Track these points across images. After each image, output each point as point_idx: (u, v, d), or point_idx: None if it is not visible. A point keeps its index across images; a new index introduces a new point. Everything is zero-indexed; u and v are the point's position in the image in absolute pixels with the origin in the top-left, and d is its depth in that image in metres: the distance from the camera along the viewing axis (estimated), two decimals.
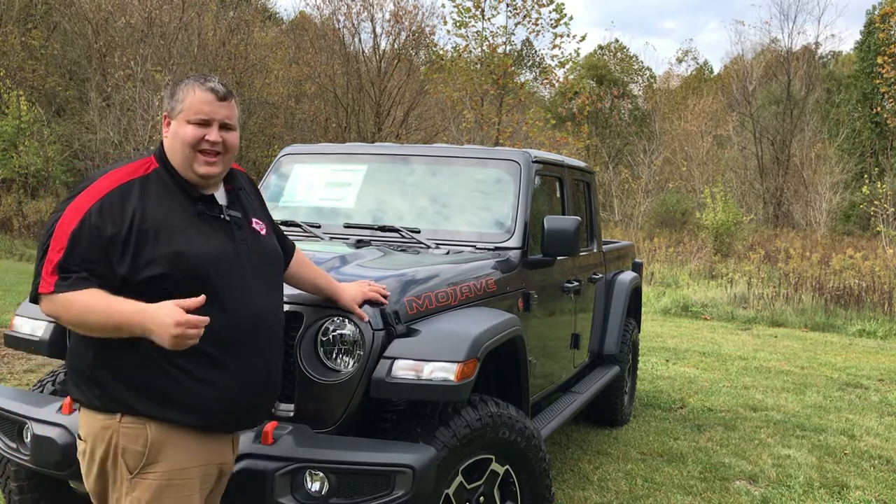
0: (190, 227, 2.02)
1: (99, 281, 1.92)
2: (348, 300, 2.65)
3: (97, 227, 1.92)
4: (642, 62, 49.39)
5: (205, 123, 2.06)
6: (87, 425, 2.03)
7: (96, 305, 1.90)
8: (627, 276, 5.77)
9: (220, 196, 2.16)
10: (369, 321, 2.72)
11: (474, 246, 3.81)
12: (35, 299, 1.97)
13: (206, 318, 1.89)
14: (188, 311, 1.87)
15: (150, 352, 1.93)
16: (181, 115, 2.06)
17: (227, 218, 2.12)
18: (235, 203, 2.19)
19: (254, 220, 2.22)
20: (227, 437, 2.14)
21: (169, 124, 2.10)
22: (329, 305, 2.75)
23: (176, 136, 2.07)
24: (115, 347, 1.96)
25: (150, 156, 2.13)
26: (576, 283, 4.54)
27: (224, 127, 2.09)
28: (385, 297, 2.76)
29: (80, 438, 2.07)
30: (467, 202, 4.13)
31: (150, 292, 1.92)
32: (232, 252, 2.07)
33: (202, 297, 1.89)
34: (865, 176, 22.80)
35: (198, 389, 1.98)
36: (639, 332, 6.17)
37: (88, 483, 2.06)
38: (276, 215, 4.16)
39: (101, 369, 1.99)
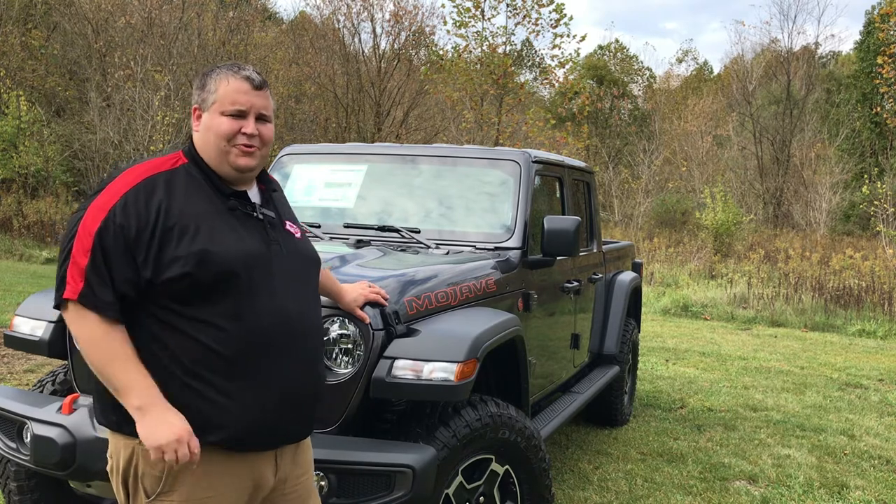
0: (219, 223, 1.87)
1: (119, 295, 1.80)
2: (349, 302, 2.61)
3: (122, 225, 1.79)
4: (642, 62, 49.47)
5: (241, 115, 1.92)
6: (111, 444, 1.94)
7: (118, 348, 1.79)
8: (627, 276, 5.77)
9: (254, 195, 2.02)
10: (369, 321, 2.72)
11: (474, 246, 3.81)
12: (59, 305, 1.83)
13: (195, 459, 1.80)
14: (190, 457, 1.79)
15: (169, 365, 1.82)
16: (215, 106, 1.92)
17: (261, 216, 1.97)
18: (269, 203, 2.05)
19: (288, 223, 2.08)
20: (263, 457, 1.94)
21: (199, 117, 1.96)
22: (330, 305, 2.75)
23: (209, 129, 1.93)
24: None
25: (177, 151, 1.99)
26: (576, 284, 4.54)
27: (260, 118, 1.96)
28: (385, 298, 2.75)
29: (109, 456, 1.97)
30: (467, 202, 4.14)
31: (175, 293, 1.80)
32: (264, 251, 1.92)
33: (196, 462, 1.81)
34: (865, 176, 22.78)
35: (223, 403, 1.83)
36: (639, 332, 6.17)
37: (119, 500, 1.97)
38: None
39: None
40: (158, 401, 1.79)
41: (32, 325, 3.13)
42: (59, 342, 3.05)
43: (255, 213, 1.97)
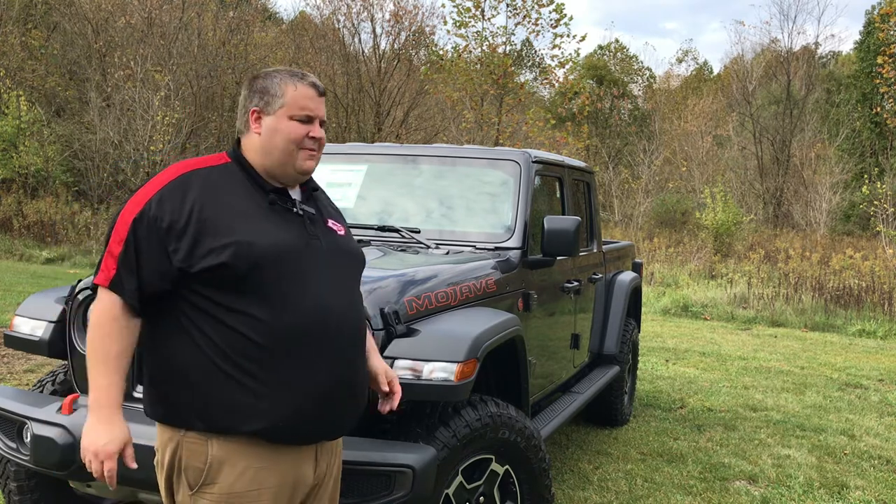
0: (259, 217, 1.93)
1: (145, 286, 1.87)
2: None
3: (156, 217, 1.85)
4: (642, 62, 49.47)
5: (309, 120, 2.00)
6: (158, 436, 1.98)
7: (109, 343, 1.87)
8: (627, 276, 5.77)
9: (295, 194, 2.07)
10: (369, 321, 2.72)
11: (474, 246, 3.81)
12: (94, 288, 1.94)
13: (110, 480, 1.88)
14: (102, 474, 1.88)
15: (208, 353, 1.86)
16: (282, 110, 1.97)
17: (300, 212, 2.02)
18: (309, 201, 2.10)
19: (331, 220, 2.12)
20: (304, 452, 1.97)
21: (258, 119, 2.00)
22: None
23: (277, 133, 1.97)
24: (178, 353, 1.90)
25: (221, 153, 2.07)
26: (576, 284, 4.54)
27: (321, 123, 2.05)
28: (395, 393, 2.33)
29: (156, 449, 2.01)
30: (467, 202, 4.14)
31: (213, 283, 1.85)
32: (303, 246, 1.96)
33: (130, 468, 1.91)
34: (865, 176, 22.78)
35: (262, 393, 1.86)
36: (639, 332, 6.17)
37: (162, 496, 2.01)
38: None
39: (164, 381, 1.93)
40: (108, 408, 1.87)
41: (32, 325, 3.13)
42: (59, 342, 3.04)
43: (294, 209, 2.01)
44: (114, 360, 1.87)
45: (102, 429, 1.85)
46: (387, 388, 2.25)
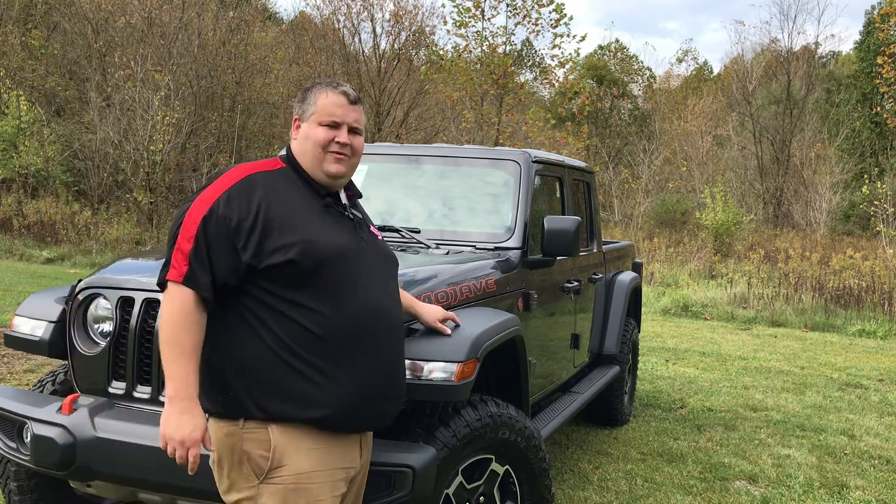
0: (317, 218, 2.06)
1: (217, 281, 1.96)
2: (429, 318, 2.69)
3: (225, 216, 1.96)
4: (642, 62, 49.45)
5: (335, 125, 2.13)
6: (213, 434, 2.05)
7: (185, 337, 1.94)
8: (627, 276, 5.77)
9: (343, 199, 2.22)
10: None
11: (474, 246, 3.81)
12: (162, 285, 2.00)
13: (194, 466, 1.94)
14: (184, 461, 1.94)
15: (272, 345, 1.97)
16: (313, 117, 2.13)
17: (351, 216, 2.17)
18: (355, 207, 2.26)
19: (371, 226, 2.30)
20: (352, 439, 2.12)
21: (298, 127, 2.17)
22: None
23: (307, 138, 2.13)
24: (240, 345, 1.99)
25: (275, 158, 2.21)
26: (576, 284, 4.54)
27: (352, 130, 2.15)
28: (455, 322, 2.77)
29: (212, 450, 2.07)
30: (467, 202, 4.14)
31: (277, 279, 1.96)
32: (355, 247, 2.10)
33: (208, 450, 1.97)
34: (865, 176, 22.78)
35: (321, 383, 1.98)
36: (639, 332, 6.17)
37: (221, 492, 2.07)
38: None
39: (227, 370, 2.01)
40: (189, 399, 1.94)
41: (32, 325, 3.13)
42: (59, 342, 3.04)
43: (346, 213, 2.17)
44: (190, 353, 1.95)
45: (185, 419, 1.92)
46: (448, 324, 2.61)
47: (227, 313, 2.01)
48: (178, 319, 1.94)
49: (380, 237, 2.30)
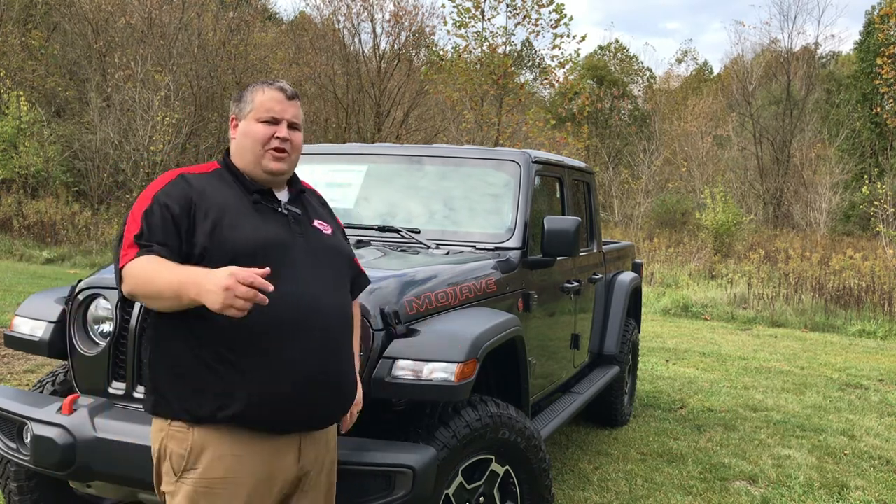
0: (244, 214, 2.06)
1: (168, 251, 1.96)
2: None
3: (166, 205, 1.99)
4: (642, 62, 49.46)
5: (274, 121, 2.12)
6: (152, 431, 2.09)
7: (165, 267, 1.91)
8: (627, 276, 5.77)
9: (283, 195, 2.20)
10: (369, 321, 2.72)
11: (474, 246, 3.81)
12: (119, 279, 1.99)
13: (258, 295, 1.78)
14: (253, 285, 1.78)
15: (189, 340, 1.97)
16: (251, 114, 2.13)
17: (285, 211, 2.15)
18: (296, 202, 2.22)
19: (317, 220, 2.24)
20: (282, 443, 2.04)
21: (236, 126, 2.17)
22: None
23: (246, 135, 2.13)
24: (165, 343, 2.01)
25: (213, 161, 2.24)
26: (576, 284, 4.54)
27: (291, 126, 2.15)
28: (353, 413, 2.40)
29: (152, 443, 2.11)
30: (467, 202, 4.14)
31: None
32: (285, 242, 2.07)
33: (266, 270, 1.81)
34: (865, 176, 22.78)
35: (236, 378, 1.96)
36: (639, 332, 6.17)
37: (155, 488, 2.10)
38: None
39: (158, 372, 2.04)
40: (202, 274, 1.83)
41: (32, 326, 3.13)
42: (59, 342, 3.04)
43: (279, 209, 2.14)
44: (172, 266, 1.90)
45: (208, 276, 1.81)
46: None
47: (154, 312, 2.02)
48: (145, 264, 1.91)
49: (328, 231, 2.23)
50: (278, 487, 2.06)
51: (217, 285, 1.77)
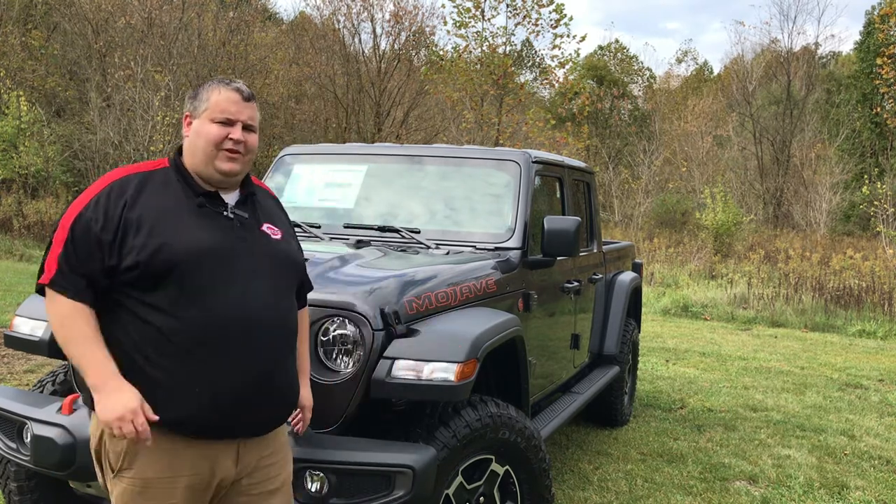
0: (183, 219, 2.01)
1: (87, 282, 1.95)
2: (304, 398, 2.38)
3: (91, 218, 1.96)
4: (642, 62, 49.47)
5: (229, 122, 2.08)
6: (90, 425, 2.09)
7: (82, 336, 1.93)
8: (627, 276, 5.77)
9: (232, 198, 2.14)
10: (369, 321, 2.72)
11: (474, 246, 3.81)
12: (40, 290, 2.01)
13: (147, 437, 1.90)
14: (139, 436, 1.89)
15: (129, 347, 1.95)
16: (205, 113, 2.08)
17: (231, 215, 2.09)
18: (246, 205, 2.16)
19: (267, 224, 2.18)
20: (221, 447, 2.02)
21: (190, 124, 2.12)
22: (329, 305, 2.76)
23: (199, 135, 2.08)
24: (104, 336, 1.98)
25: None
26: (576, 284, 4.54)
27: (246, 128, 2.11)
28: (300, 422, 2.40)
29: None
30: (467, 202, 4.13)
31: (135, 281, 1.94)
32: (227, 248, 2.03)
33: (152, 420, 1.91)
34: (865, 176, 22.79)
35: (171, 386, 1.94)
36: (639, 332, 6.17)
37: (98, 477, 2.10)
38: None
39: None
40: (112, 379, 1.92)
41: (32, 326, 3.13)
42: None
43: (225, 213, 2.09)
44: (93, 337, 1.94)
45: (115, 396, 1.90)
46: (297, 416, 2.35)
47: (100, 313, 2.00)
48: (67, 317, 1.94)
49: (277, 236, 2.17)
50: (215, 487, 2.05)
51: (113, 410, 1.88)
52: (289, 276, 2.20)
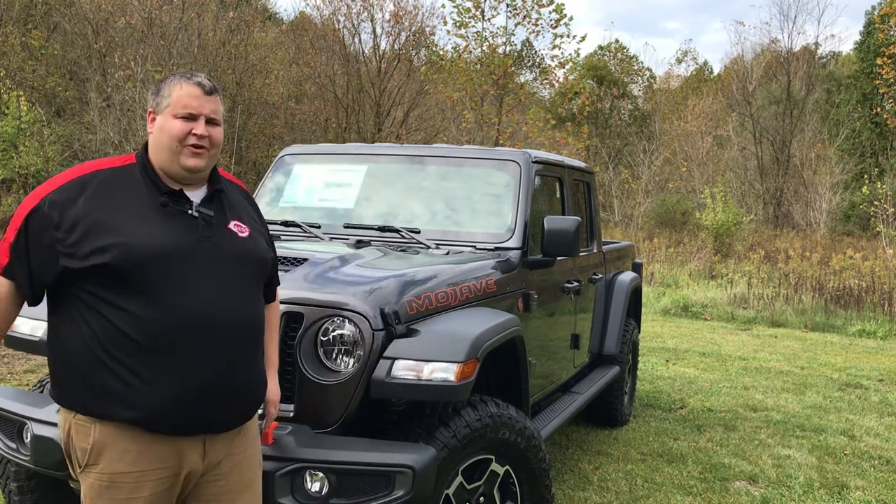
0: (147, 218, 2.00)
1: (35, 276, 1.98)
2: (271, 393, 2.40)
3: (48, 215, 1.95)
4: (642, 62, 49.47)
5: (191, 118, 2.05)
6: (59, 420, 2.11)
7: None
8: (627, 276, 5.77)
9: (198, 195, 2.12)
10: (369, 321, 2.72)
11: (474, 246, 3.81)
12: None
13: None
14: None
15: (91, 345, 1.95)
16: (168, 109, 2.05)
17: (195, 213, 2.07)
18: (212, 203, 2.13)
19: (234, 221, 2.16)
20: (187, 441, 2.03)
21: (153, 120, 2.10)
22: (329, 305, 2.76)
23: (162, 131, 2.06)
24: (67, 341, 2.00)
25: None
26: (576, 284, 4.54)
27: (210, 122, 2.08)
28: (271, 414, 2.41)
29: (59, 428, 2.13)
30: (467, 202, 4.14)
31: (96, 281, 1.94)
32: (189, 246, 2.01)
33: None
34: (865, 176, 22.79)
35: (134, 384, 1.94)
36: (639, 332, 6.17)
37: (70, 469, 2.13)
38: (276, 216, 4.16)
39: (60, 366, 2.04)
40: None
41: (32, 325, 3.13)
42: None
43: (189, 211, 2.06)
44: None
45: None
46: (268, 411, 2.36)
47: (58, 308, 2.02)
48: (5, 301, 1.98)
49: (244, 234, 2.15)
50: (182, 481, 2.06)
51: None
52: (253, 274, 2.18)
